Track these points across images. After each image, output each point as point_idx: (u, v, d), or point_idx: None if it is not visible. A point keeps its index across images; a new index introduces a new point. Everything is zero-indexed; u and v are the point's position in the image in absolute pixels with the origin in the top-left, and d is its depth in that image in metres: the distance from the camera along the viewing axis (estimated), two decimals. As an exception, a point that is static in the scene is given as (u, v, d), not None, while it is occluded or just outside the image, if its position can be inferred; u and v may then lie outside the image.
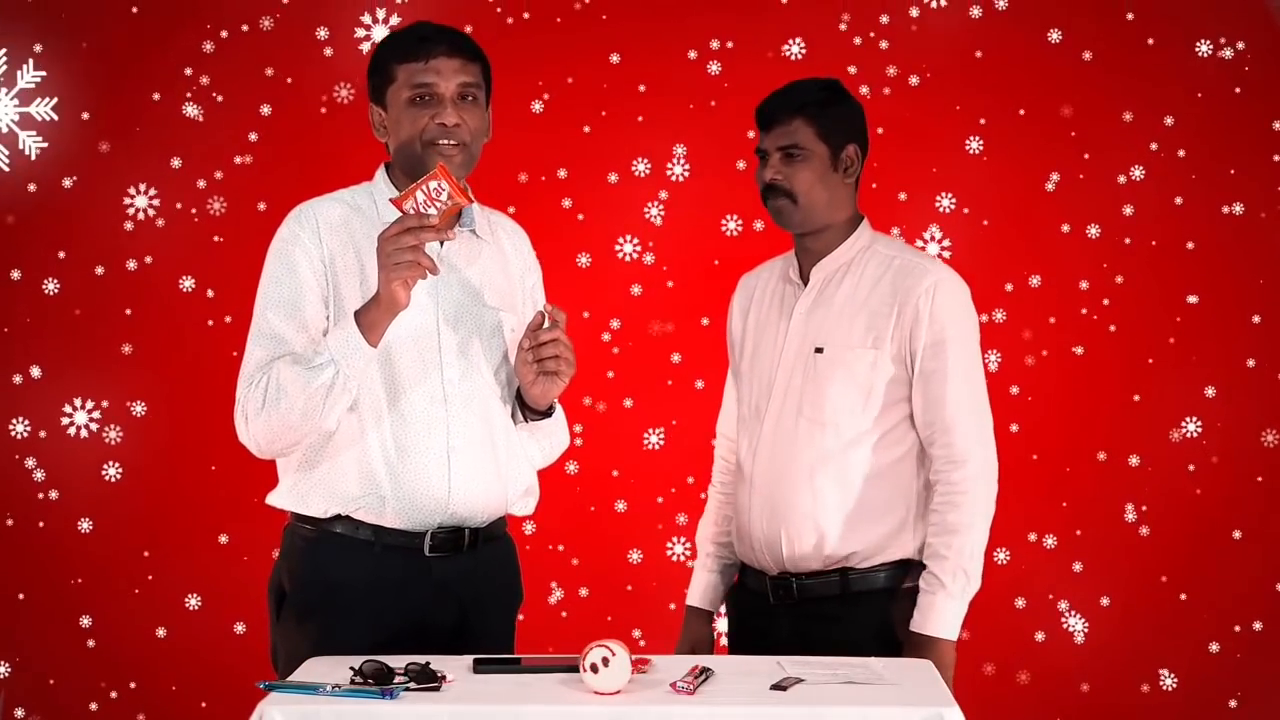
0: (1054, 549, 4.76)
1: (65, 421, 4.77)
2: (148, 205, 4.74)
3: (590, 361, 4.65)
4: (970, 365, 3.18)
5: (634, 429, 4.79)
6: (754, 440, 3.25)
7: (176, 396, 4.78)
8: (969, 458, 3.13)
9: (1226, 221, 4.72)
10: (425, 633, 2.95)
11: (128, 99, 4.75)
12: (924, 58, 4.73)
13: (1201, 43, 4.68)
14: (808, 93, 3.20)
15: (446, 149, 2.93)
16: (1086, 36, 4.70)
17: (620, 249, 4.78)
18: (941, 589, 3.10)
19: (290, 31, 4.74)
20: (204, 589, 4.79)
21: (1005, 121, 4.74)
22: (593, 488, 4.78)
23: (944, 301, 3.15)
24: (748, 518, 3.24)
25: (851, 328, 3.17)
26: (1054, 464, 4.75)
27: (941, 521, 3.12)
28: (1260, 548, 4.74)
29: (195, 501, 4.78)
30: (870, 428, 3.16)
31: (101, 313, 4.77)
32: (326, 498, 2.95)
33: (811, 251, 3.25)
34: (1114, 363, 4.75)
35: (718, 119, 4.73)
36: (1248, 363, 4.75)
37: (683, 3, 4.75)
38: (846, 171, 3.21)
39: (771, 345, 3.26)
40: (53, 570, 4.79)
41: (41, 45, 4.72)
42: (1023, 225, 4.75)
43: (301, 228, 2.97)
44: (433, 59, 2.92)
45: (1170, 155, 4.71)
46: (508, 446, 3.04)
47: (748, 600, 3.31)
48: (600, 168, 4.77)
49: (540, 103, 4.75)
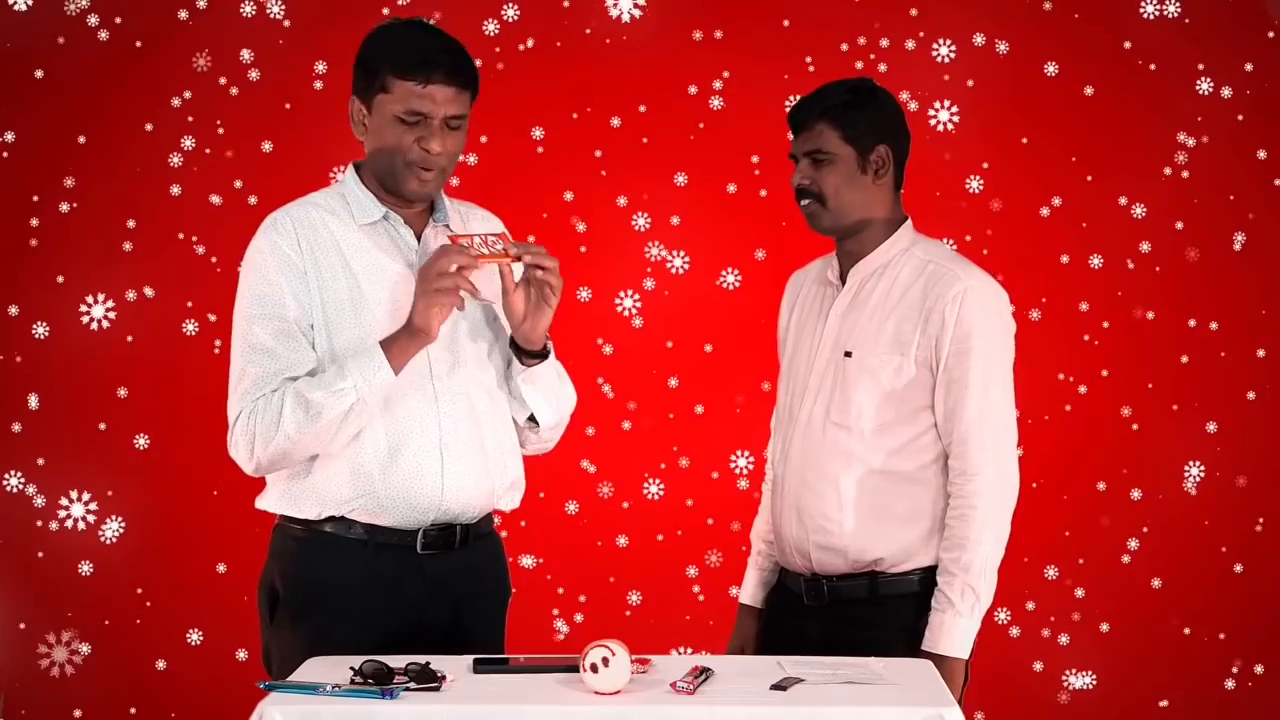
0: (1055, 580, 4.76)
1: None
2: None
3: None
4: (993, 376, 3.12)
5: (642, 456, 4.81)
6: (786, 442, 3.25)
7: (176, 427, 4.79)
8: (981, 471, 3.09)
9: (1230, 251, 4.74)
10: (420, 631, 2.95)
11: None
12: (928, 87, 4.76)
13: (1202, 80, 4.71)
14: (832, 96, 3.18)
15: (424, 174, 2.95)
16: (1087, 71, 4.74)
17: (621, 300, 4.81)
18: (950, 607, 3.07)
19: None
20: (204, 621, 4.80)
21: (1005, 150, 4.75)
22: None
23: (971, 309, 3.11)
24: (780, 520, 3.24)
25: (880, 333, 3.15)
26: (1053, 493, 4.75)
27: (952, 535, 3.10)
28: (1263, 582, 4.75)
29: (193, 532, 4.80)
30: (896, 433, 3.14)
31: (98, 346, 4.79)
32: (319, 502, 2.96)
33: (850, 253, 3.23)
34: (1115, 393, 4.77)
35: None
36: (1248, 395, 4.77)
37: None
38: (877, 173, 3.18)
39: (809, 346, 3.26)
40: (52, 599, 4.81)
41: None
42: (1024, 254, 4.77)
43: (279, 236, 2.96)
44: (431, 84, 2.91)
45: (1174, 184, 4.72)
46: (495, 440, 3.05)
47: (785, 601, 3.29)
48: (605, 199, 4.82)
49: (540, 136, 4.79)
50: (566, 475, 4.73)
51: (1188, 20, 4.71)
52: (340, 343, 2.94)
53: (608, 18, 4.74)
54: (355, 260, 2.96)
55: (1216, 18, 4.70)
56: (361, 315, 2.95)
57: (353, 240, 2.97)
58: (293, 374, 2.91)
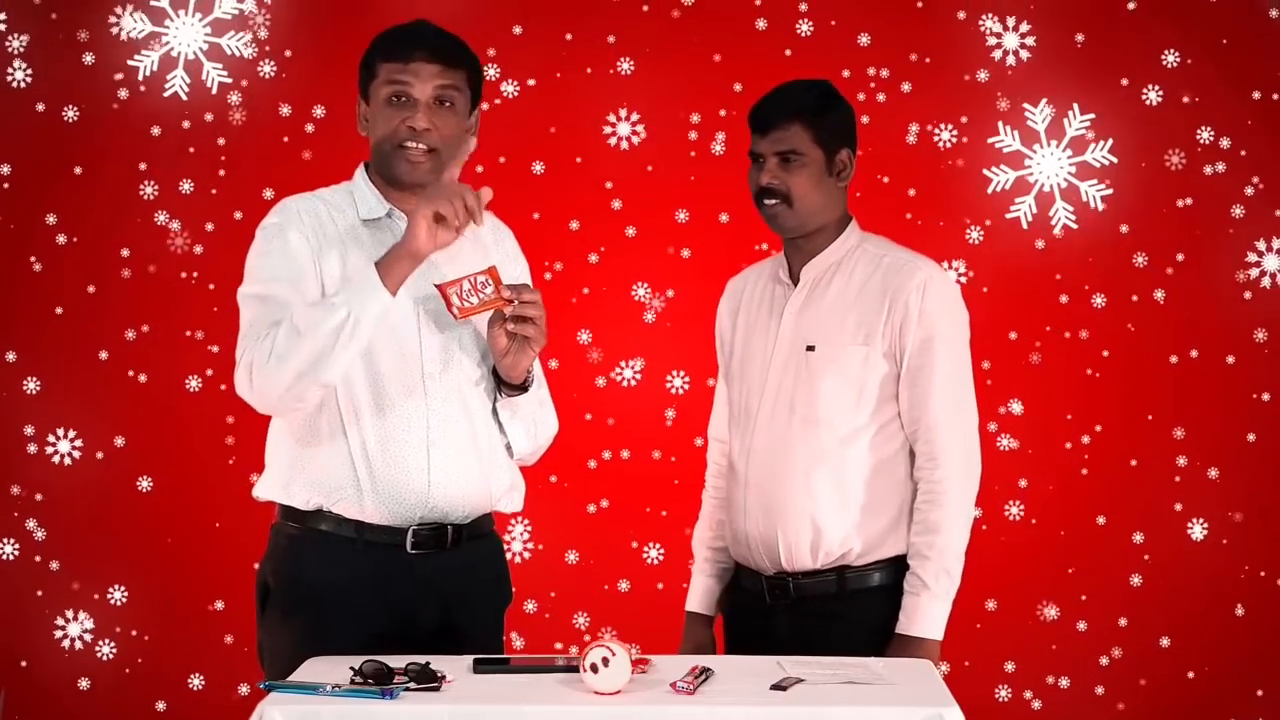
0: (1056, 619, 4.75)
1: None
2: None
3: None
4: (957, 364, 3.21)
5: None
6: (746, 440, 3.27)
7: (175, 470, 4.80)
8: (950, 456, 3.15)
9: (1229, 286, 4.74)
10: (409, 630, 2.95)
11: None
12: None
13: (1202, 132, 4.73)
14: (805, 97, 3.24)
15: (414, 154, 2.97)
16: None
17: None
18: (925, 590, 3.12)
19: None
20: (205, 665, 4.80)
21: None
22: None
23: (934, 299, 3.18)
24: (743, 518, 3.25)
25: (843, 325, 3.20)
26: (1051, 529, 4.76)
27: (924, 520, 3.15)
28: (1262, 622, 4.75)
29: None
30: (864, 424, 3.19)
31: (98, 385, 4.81)
32: (309, 487, 2.97)
33: (802, 251, 3.28)
34: (1113, 429, 4.78)
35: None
36: (1248, 437, 4.78)
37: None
38: (840, 176, 3.25)
39: (762, 345, 3.29)
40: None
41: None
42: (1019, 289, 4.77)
43: (288, 219, 3.00)
44: (413, 61, 2.95)
45: (1170, 218, 4.73)
46: (490, 441, 3.06)
47: (743, 601, 3.31)
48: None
49: (541, 166, 4.80)
50: (566, 476, 4.73)
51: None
52: None
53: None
54: (355, 256, 2.98)
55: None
56: None
57: (355, 236, 3.00)
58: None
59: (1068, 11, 4.73)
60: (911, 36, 4.74)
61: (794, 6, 4.74)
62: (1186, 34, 4.72)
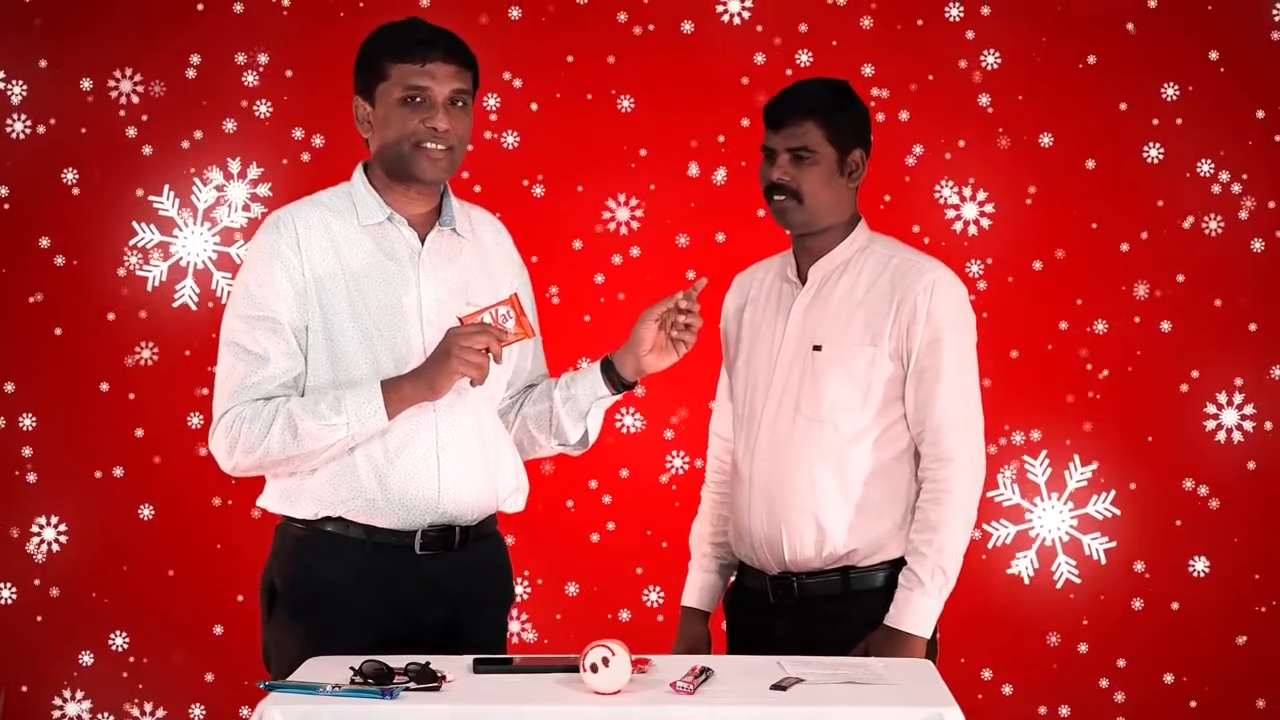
0: (1057, 645, 4.75)
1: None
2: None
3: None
4: (964, 365, 3.21)
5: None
6: (751, 439, 3.27)
7: (177, 497, 4.82)
8: (956, 456, 3.15)
9: (1233, 310, 4.76)
10: (416, 630, 2.95)
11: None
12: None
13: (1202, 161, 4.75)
14: (820, 95, 3.24)
15: (434, 153, 2.98)
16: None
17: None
18: (919, 586, 3.12)
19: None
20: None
21: (1007, 193, 4.76)
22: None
23: (942, 300, 3.19)
24: (747, 517, 3.25)
25: (850, 325, 3.21)
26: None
27: (924, 518, 3.15)
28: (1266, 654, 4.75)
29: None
30: (869, 425, 3.19)
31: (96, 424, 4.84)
32: (315, 502, 2.98)
33: (810, 250, 3.28)
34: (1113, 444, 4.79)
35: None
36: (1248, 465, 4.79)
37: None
38: (851, 175, 3.25)
39: (769, 343, 3.30)
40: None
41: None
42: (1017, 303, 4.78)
43: (280, 237, 2.98)
44: (430, 63, 2.96)
45: (1175, 230, 4.74)
46: (496, 443, 3.07)
47: (746, 600, 3.31)
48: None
49: (541, 187, 4.83)
50: (566, 475, 4.73)
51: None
52: (340, 345, 2.97)
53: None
54: (355, 261, 2.99)
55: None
56: (360, 317, 2.98)
57: (355, 241, 3.01)
58: (281, 380, 2.94)
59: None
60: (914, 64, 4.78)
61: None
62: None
